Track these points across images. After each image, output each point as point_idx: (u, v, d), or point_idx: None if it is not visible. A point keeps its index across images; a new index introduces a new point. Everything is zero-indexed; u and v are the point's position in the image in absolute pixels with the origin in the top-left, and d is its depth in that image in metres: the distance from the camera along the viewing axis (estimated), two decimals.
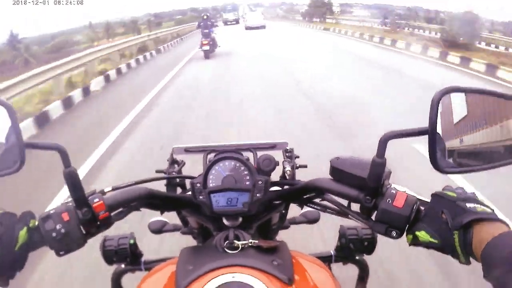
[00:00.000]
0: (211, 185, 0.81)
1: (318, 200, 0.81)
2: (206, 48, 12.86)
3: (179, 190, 0.95)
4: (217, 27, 15.56)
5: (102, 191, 0.75)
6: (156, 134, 5.27)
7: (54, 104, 6.80)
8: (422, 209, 0.64)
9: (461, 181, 2.96)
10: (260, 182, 0.80)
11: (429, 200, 0.63)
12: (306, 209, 0.94)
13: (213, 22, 14.13)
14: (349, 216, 0.73)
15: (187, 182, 0.92)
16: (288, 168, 0.87)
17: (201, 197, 0.80)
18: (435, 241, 0.59)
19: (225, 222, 0.83)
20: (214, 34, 13.69)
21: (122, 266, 0.96)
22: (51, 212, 0.65)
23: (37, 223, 0.65)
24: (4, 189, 3.09)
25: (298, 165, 0.92)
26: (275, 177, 0.89)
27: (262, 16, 32.79)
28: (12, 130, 0.65)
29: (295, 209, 0.94)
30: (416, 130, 0.62)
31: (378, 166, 0.64)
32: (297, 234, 1.46)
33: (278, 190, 0.86)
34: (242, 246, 0.70)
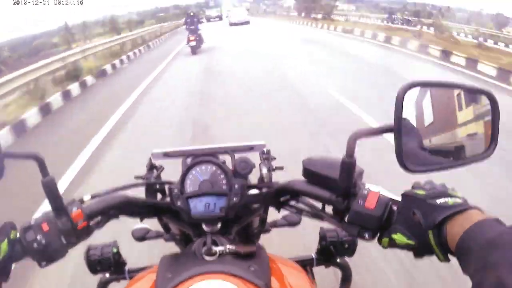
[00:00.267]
0: (189, 190, 0.81)
1: (294, 202, 0.81)
2: (193, 44, 13.45)
3: (159, 196, 0.94)
4: (202, 23, 15.70)
5: (81, 200, 0.75)
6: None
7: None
8: (395, 209, 0.62)
9: None
10: (236, 186, 0.80)
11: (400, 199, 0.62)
12: (287, 212, 0.95)
13: (199, 19, 14.79)
14: (323, 218, 0.73)
15: (166, 187, 0.92)
16: (264, 170, 0.88)
17: (179, 202, 0.80)
18: (411, 242, 0.58)
19: (204, 227, 0.83)
20: (200, 31, 14.22)
21: (107, 275, 0.95)
22: (32, 223, 0.65)
23: (18, 235, 0.64)
24: None
25: (274, 167, 0.91)
26: (254, 179, 0.89)
27: (246, 12, 33.54)
28: None
29: (276, 212, 0.94)
30: (382, 128, 0.61)
31: (348, 166, 0.63)
32: (279, 237, 1.45)
33: (256, 193, 0.86)
34: (220, 252, 0.71)
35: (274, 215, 0.98)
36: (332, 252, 0.92)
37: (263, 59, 11.31)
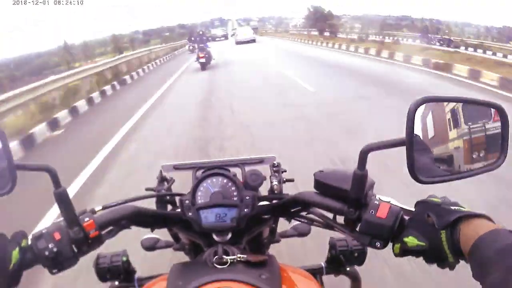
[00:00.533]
0: (200, 201, 0.82)
1: (305, 213, 0.83)
2: (203, 60, 14.21)
3: (169, 207, 0.96)
4: (210, 41, 16.76)
5: (93, 210, 0.76)
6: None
7: None
8: (406, 218, 0.64)
9: None
10: (247, 198, 0.81)
11: (413, 209, 0.64)
12: (296, 222, 0.95)
13: (208, 37, 15.81)
14: (334, 228, 0.74)
15: (177, 199, 0.93)
16: (275, 182, 0.89)
17: (190, 213, 0.81)
18: (423, 243, 0.60)
19: (215, 237, 0.84)
20: (209, 48, 15.05)
21: (116, 283, 0.96)
22: (43, 231, 0.66)
23: (29, 243, 0.66)
24: None
25: (285, 179, 0.93)
26: (264, 191, 0.91)
27: (252, 31, 34.68)
28: (2, 152, 0.66)
29: (286, 222, 0.95)
30: (394, 141, 0.63)
31: (360, 178, 0.65)
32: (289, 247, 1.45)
33: (266, 204, 0.87)
34: (231, 261, 0.71)
35: (283, 226, 0.99)
36: (341, 261, 0.93)
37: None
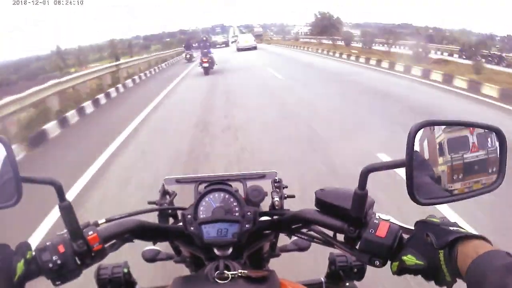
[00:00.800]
0: (202, 216, 0.83)
1: (305, 230, 0.83)
2: (206, 65, 15.01)
3: (171, 220, 0.97)
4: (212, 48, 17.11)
5: (96, 223, 0.77)
6: None
7: None
8: (405, 237, 0.66)
9: None
10: (249, 213, 0.82)
11: (412, 228, 0.66)
12: (296, 237, 0.96)
13: (211, 43, 16.57)
14: (335, 246, 0.75)
15: (179, 212, 0.94)
16: (276, 198, 0.90)
17: (192, 228, 0.82)
18: (421, 262, 0.61)
19: (216, 252, 0.84)
20: (211, 54, 15.64)
21: None
22: (47, 244, 0.67)
23: (33, 254, 0.67)
24: None
25: (286, 195, 0.94)
26: (265, 206, 0.91)
27: (253, 38, 35.00)
28: (8, 164, 0.66)
29: (286, 236, 0.96)
30: (394, 163, 0.64)
31: (360, 197, 0.66)
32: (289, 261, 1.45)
33: (267, 220, 0.88)
34: (232, 276, 0.72)
35: (283, 240, 1.00)
36: (341, 276, 0.94)
37: None
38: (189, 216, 0.82)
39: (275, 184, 0.95)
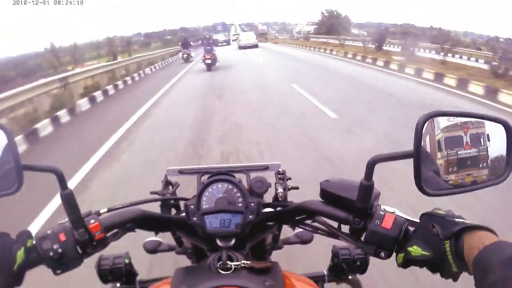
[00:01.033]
0: (205, 206, 0.83)
1: (309, 221, 0.83)
2: (208, 62, 15.68)
3: (174, 211, 0.96)
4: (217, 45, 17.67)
5: (98, 212, 0.77)
6: None
7: None
8: (411, 229, 0.65)
9: None
10: (252, 204, 0.81)
11: (417, 220, 0.65)
12: (299, 229, 0.96)
13: (214, 41, 17.35)
14: (339, 237, 0.75)
15: (181, 203, 0.93)
16: (280, 190, 0.89)
17: (194, 218, 0.81)
18: (427, 253, 0.61)
19: (218, 242, 0.84)
20: (214, 51, 16.33)
21: (118, 285, 0.96)
22: (48, 232, 0.67)
23: (34, 243, 0.66)
24: None
25: (290, 186, 0.94)
26: (268, 198, 0.91)
27: (254, 36, 35.41)
28: (9, 152, 0.66)
29: (289, 229, 0.95)
30: (401, 154, 0.63)
31: (366, 188, 0.66)
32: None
33: (271, 211, 0.88)
34: (235, 267, 0.71)
35: (286, 233, 0.99)
36: (344, 269, 0.94)
37: None
38: (192, 206, 0.82)
39: (279, 175, 0.94)
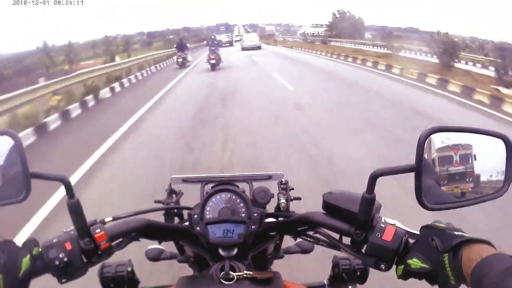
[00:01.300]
0: (208, 216, 0.83)
1: (311, 232, 0.84)
2: (213, 62, 16.34)
3: (177, 220, 0.97)
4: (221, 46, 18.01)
5: (103, 221, 0.78)
6: None
7: None
8: (411, 241, 0.66)
9: None
10: (255, 214, 0.82)
11: (418, 232, 0.66)
12: (300, 239, 0.97)
13: (219, 42, 18.02)
14: (340, 249, 0.76)
15: (185, 212, 0.94)
16: (282, 200, 0.90)
17: (198, 228, 0.82)
18: (426, 266, 0.62)
19: (221, 252, 0.85)
20: (219, 51, 17.02)
21: None
22: (54, 241, 0.67)
23: (40, 250, 0.67)
24: None
25: (292, 197, 0.94)
26: (271, 207, 0.92)
27: (257, 37, 35.47)
28: (18, 159, 0.66)
29: (290, 238, 0.96)
30: (403, 168, 0.64)
31: (368, 201, 0.67)
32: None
33: (273, 221, 0.88)
34: (237, 277, 0.72)
35: (287, 242, 1.00)
36: (344, 279, 0.95)
37: None
38: (195, 216, 0.83)
39: (282, 185, 0.95)
